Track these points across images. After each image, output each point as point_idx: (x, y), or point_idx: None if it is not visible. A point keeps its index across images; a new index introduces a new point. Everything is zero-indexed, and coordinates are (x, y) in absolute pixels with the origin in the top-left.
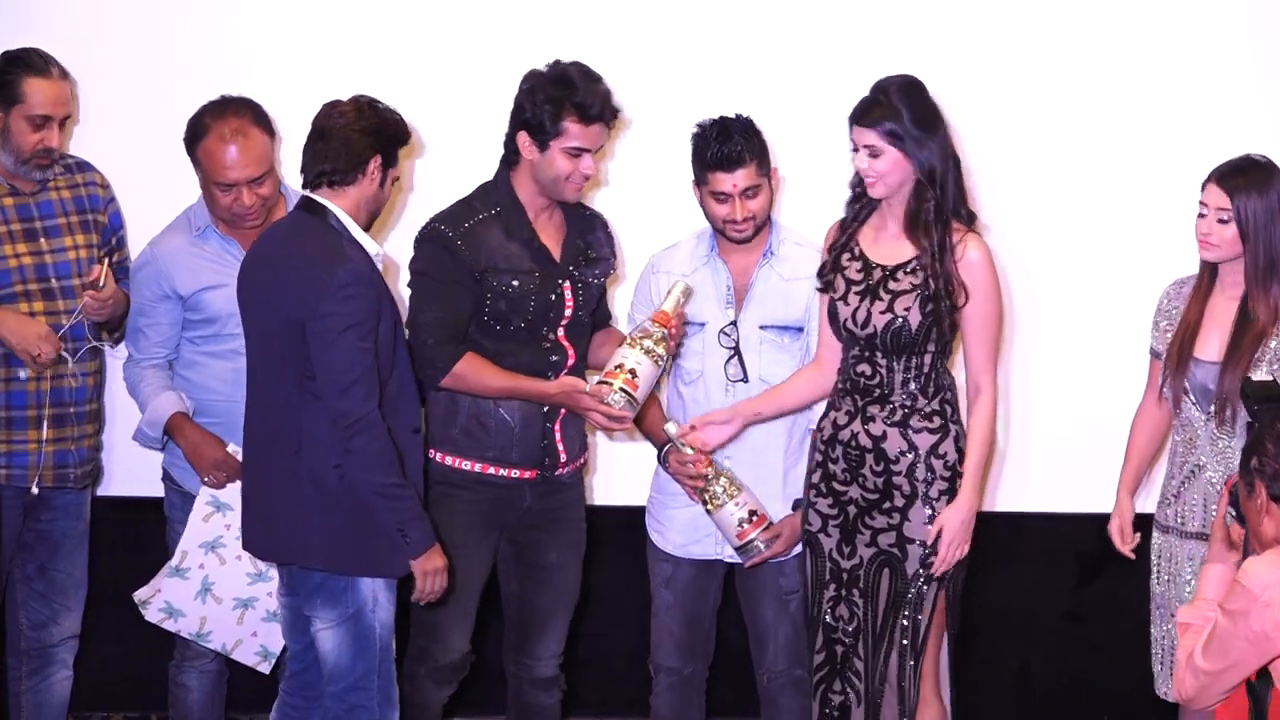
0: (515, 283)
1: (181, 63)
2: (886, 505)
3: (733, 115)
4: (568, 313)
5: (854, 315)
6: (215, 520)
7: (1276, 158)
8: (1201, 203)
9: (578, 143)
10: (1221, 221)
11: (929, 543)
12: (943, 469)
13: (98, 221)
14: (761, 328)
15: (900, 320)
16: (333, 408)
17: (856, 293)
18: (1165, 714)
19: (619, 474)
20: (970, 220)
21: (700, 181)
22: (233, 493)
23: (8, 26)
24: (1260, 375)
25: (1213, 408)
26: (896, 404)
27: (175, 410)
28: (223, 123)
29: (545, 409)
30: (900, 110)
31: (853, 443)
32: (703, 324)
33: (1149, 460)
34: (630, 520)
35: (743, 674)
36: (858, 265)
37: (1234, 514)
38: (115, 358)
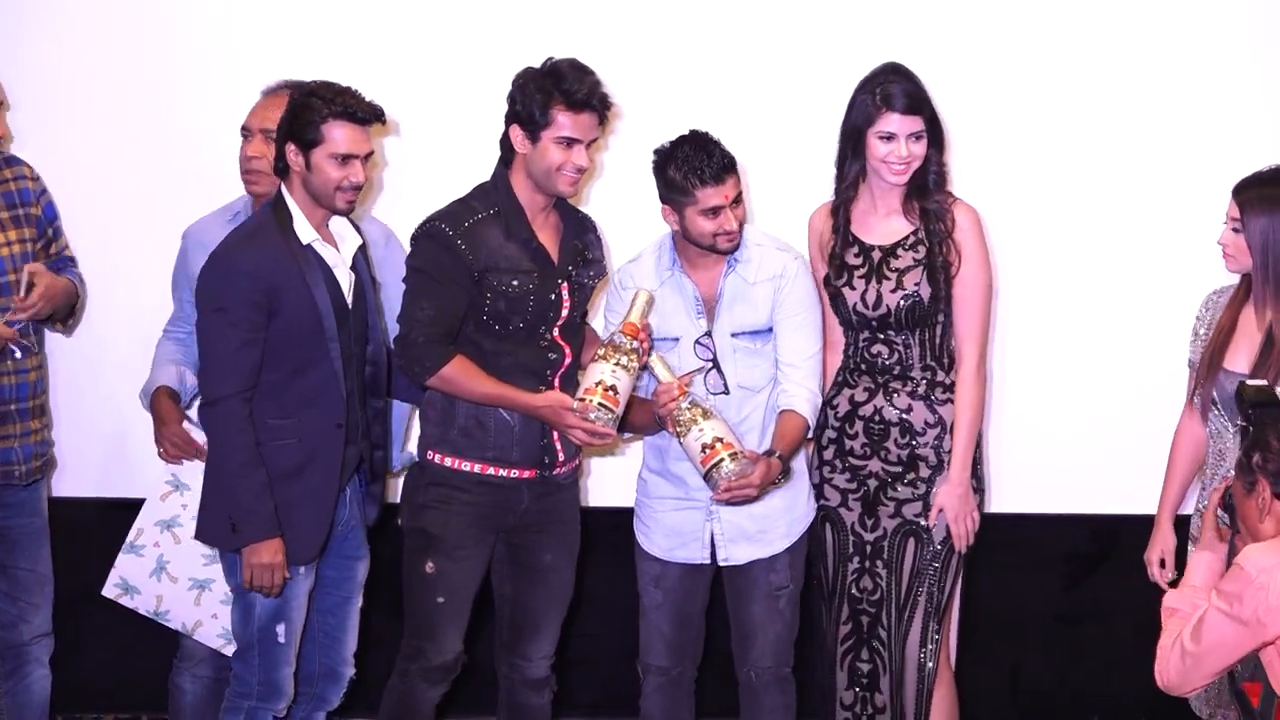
0: (515, 283)
1: (176, 57)
2: (910, 477)
3: (689, 133)
4: (564, 313)
5: (863, 298)
6: (173, 499)
7: None
8: (1226, 213)
9: (568, 132)
10: (1236, 231)
11: (931, 524)
12: None
13: (31, 215)
14: (733, 335)
15: (914, 297)
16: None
17: (861, 276)
18: (1155, 716)
19: (611, 475)
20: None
21: (686, 203)
22: (193, 473)
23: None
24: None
25: (1240, 420)
26: (918, 378)
27: (162, 383)
28: (278, 88)
29: None
30: (924, 91)
31: (876, 418)
32: (676, 338)
33: (1192, 478)
34: (622, 521)
35: (731, 674)
36: (854, 250)
37: (1226, 519)
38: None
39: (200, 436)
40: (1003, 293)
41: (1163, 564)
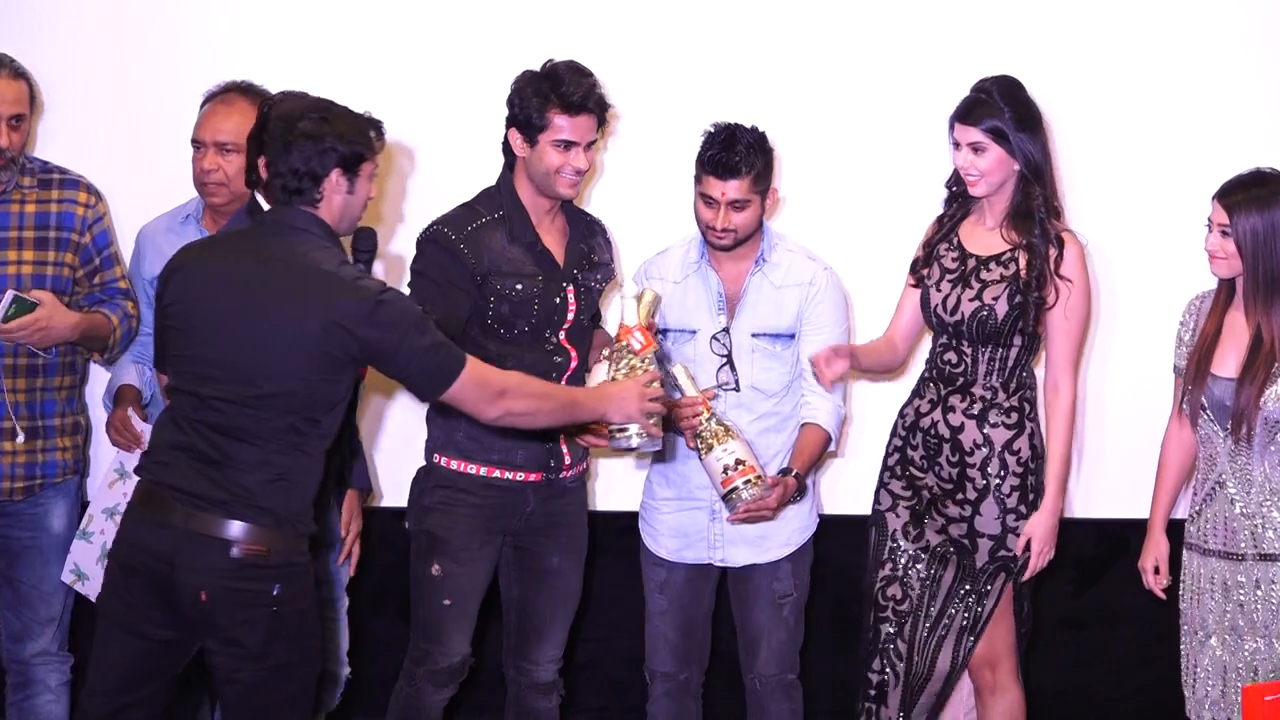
0: (519, 286)
1: (181, 64)
2: (959, 497)
3: (748, 126)
4: (570, 316)
5: (944, 301)
6: (118, 487)
7: None
8: (1207, 218)
9: (565, 135)
10: (1225, 235)
11: (1018, 553)
12: (1015, 465)
13: (69, 240)
14: (753, 335)
15: (987, 309)
16: None
17: (949, 280)
18: None
19: (618, 479)
20: (1058, 215)
21: (696, 180)
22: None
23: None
24: (1273, 393)
25: (1229, 424)
26: (977, 395)
27: (125, 382)
28: (222, 92)
29: None
30: (1003, 108)
31: (933, 431)
32: (694, 331)
33: (1182, 483)
34: (629, 525)
35: (739, 680)
36: (954, 255)
37: None
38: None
39: (141, 426)
40: None
41: (1157, 570)
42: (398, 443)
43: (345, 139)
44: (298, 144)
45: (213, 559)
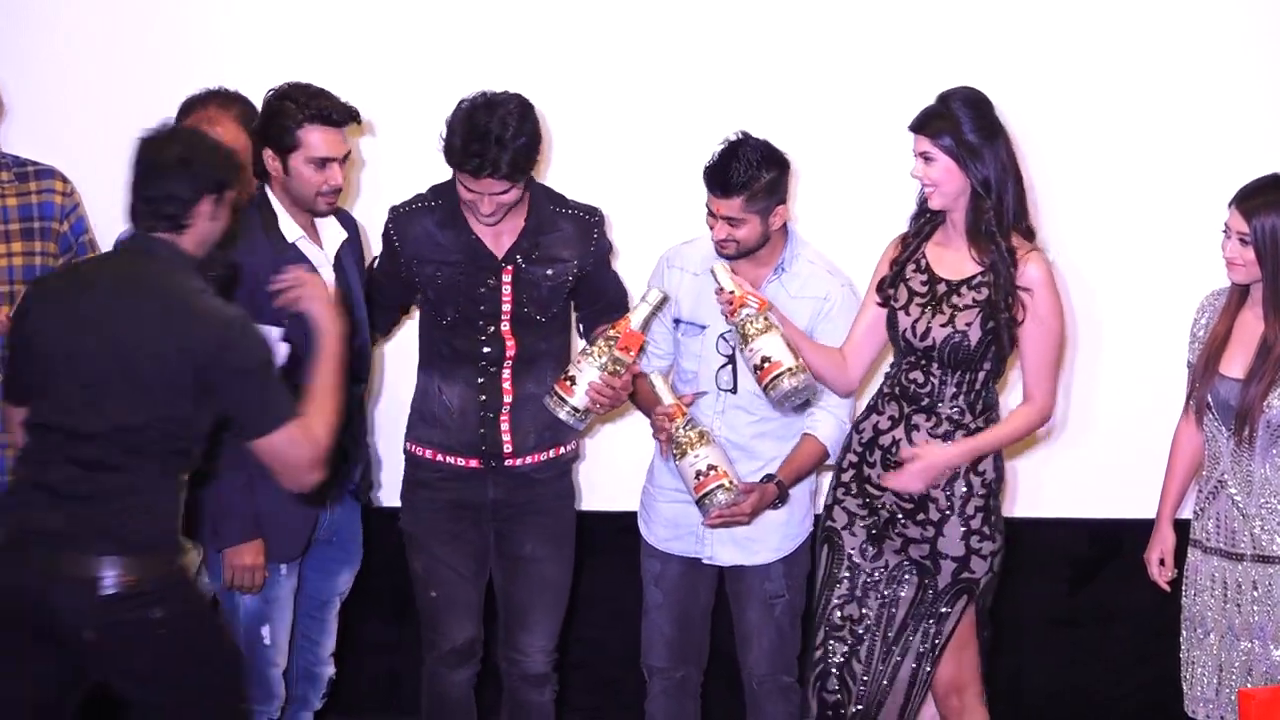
0: (439, 274)
1: (181, 64)
2: (921, 517)
3: (756, 140)
4: (507, 307)
5: (914, 326)
6: None
7: None
8: (1225, 225)
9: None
10: (1243, 243)
11: (904, 460)
12: (980, 486)
13: (51, 229)
14: None
15: (960, 335)
16: None
17: (919, 304)
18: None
19: (612, 478)
20: (1030, 235)
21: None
22: None
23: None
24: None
25: (1233, 424)
26: (943, 416)
27: None
28: (203, 106)
29: (483, 398)
30: (959, 120)
31: (893, 449)
32: (704, 327)
33: (1190, 478)
34: (623, 524)
35: (738, 680)
36: (922, 277)
37: None
38: None
39: None
40: None
41: (1162, 562)
42: (392, 444)
43: (218, 166)
44: (172, 171)
45: (86, 599)
